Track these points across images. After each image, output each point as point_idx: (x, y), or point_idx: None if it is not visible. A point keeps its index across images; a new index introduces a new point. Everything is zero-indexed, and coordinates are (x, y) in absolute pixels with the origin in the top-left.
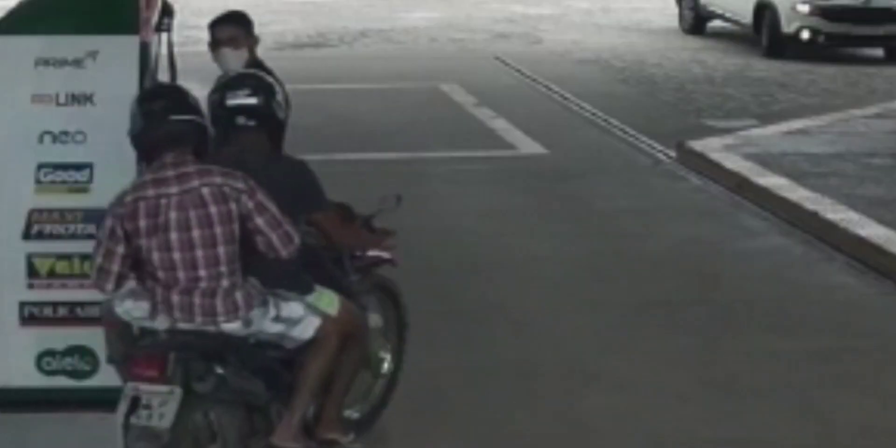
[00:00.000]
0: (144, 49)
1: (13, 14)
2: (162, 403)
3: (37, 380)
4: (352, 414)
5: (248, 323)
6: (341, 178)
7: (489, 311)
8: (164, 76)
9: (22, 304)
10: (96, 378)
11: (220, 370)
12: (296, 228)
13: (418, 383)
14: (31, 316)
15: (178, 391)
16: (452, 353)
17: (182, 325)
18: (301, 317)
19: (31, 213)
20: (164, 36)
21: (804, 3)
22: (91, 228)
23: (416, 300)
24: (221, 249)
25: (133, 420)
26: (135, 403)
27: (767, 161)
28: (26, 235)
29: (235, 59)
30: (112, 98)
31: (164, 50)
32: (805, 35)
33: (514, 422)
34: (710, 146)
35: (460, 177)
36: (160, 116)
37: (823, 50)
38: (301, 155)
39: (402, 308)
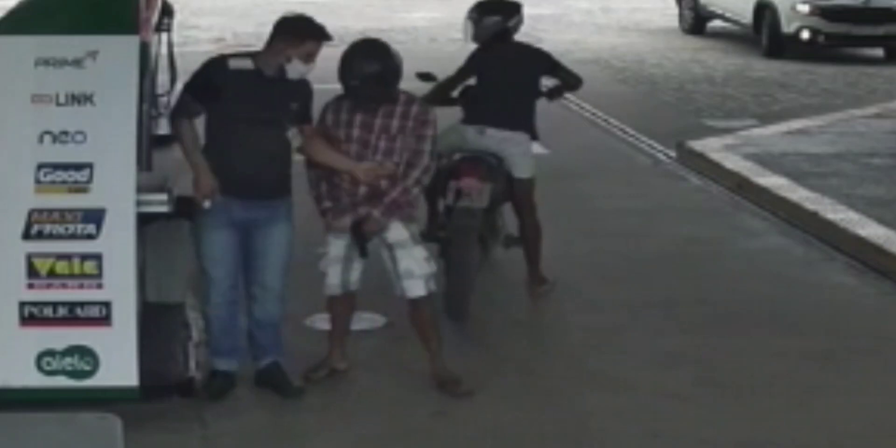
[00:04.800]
0: (144, 49)
1: (13, 14)
2: (479, 193)
3: (36, 380)
4: None
5: None
6: None
7: (489, 310)
8: (164, 76)
9: (22, 304)
10: (96, 378)
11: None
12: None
13: (417, 382)
14: (30, 316)
15: (489, 186)
16: (452, 351)
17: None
18: None
19: (31, 213)
20: (164, 36)
21: (804, 3)
22: (91, 228)
23: None
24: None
25: (458, 203)
26: (458, 194)
27: (767, 161)
28: (26, 235)
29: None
30: (112, 98)
31: (164, 50)
32: (805, 35)
33: (514, 421)
34: (710, 146)
35: None
36: None
37: (823, 50)
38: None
39: None
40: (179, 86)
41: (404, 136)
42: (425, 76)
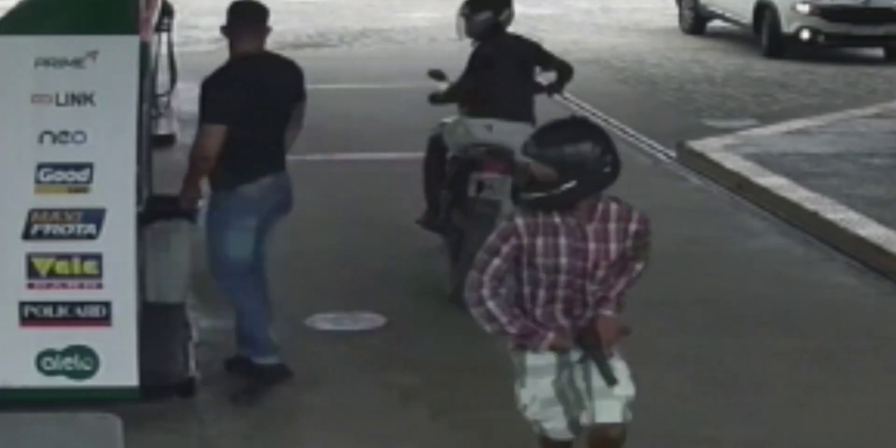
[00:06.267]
0: (144, 49)
1: (13, 14)
2: (501, 184)
3: (36, 380)
4: None
5: None
6: (341, 178)
7: None
8: (164, 76)
9: (22, 304)
10: (96, 378)
11: None
12: None
13: (418, 382)
14: (30, 316)
15: (509, 179)
16: (453, 351)
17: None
18: None
19: (31, 213)
20: (164, 36)
21: (804, 3)
22: (91, 228)
23: (418, 298)
24: None
25: (480, 195)
26: (480, 186)
27: (767, 161)
28: (26, 235)
29: None
30: (112, 98)
31: (164, 50)
32: (805, 35)
33: (514, 420)
34: (710, 146)
35: None
36: None
37: (823, 50)
38: (301, 155)
39: None
40: (179, 86)
41: (623, 255)
42: (436, 74)
